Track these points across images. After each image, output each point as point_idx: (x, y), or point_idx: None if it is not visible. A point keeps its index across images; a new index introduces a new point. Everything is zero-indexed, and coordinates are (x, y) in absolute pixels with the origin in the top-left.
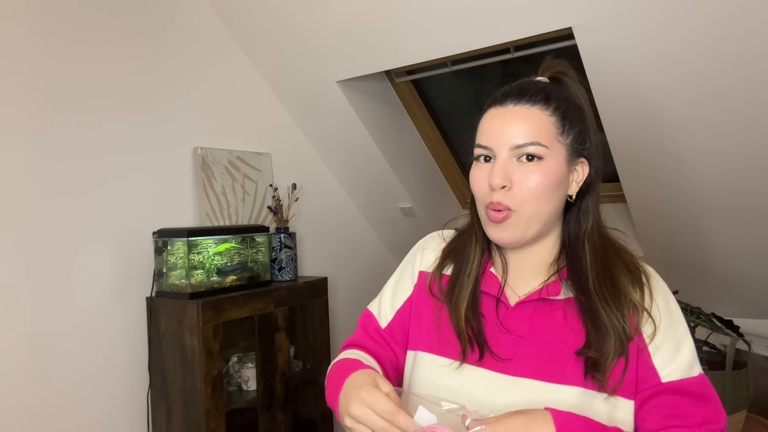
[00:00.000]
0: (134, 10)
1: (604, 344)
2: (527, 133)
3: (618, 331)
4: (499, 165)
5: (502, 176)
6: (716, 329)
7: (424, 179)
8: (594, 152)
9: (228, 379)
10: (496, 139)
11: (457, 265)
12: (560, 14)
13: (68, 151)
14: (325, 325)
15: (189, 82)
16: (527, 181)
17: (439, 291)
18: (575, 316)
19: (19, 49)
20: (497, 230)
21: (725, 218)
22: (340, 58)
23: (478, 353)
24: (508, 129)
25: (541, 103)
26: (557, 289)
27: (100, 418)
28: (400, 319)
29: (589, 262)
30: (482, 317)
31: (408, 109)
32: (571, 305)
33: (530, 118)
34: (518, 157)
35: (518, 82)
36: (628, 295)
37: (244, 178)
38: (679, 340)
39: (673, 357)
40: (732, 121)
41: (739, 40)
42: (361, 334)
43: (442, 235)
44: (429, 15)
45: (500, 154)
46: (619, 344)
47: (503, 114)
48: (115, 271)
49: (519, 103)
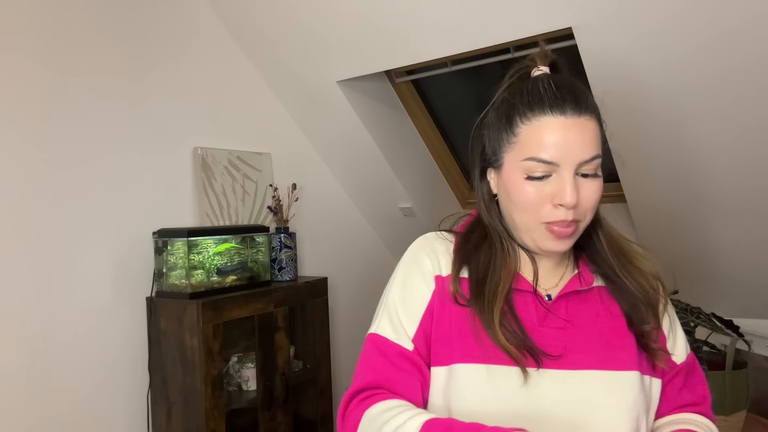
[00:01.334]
0: (134, 11)
1: (644, 315)
2: (592, 148)
3: (646, 297)
4: (568, 182)
5: (575, 195)
6: (716, 329)
7: (424, 179)
8: None
9: (228, 379)
10: (562, 153)
11: (478, 268)
12: (560, 14)
13: (68, 151)
14: (325, 325)
15: (189, 82)
16: (591, 197)
17: (462, 297)
18: (611, 301)
19: (18, 49)
20: (559, 244)
21: (725, 218)
22: (340, 58)
23: (531, 356)
24: (574, 143)
25: (593, 112)
26: (590, 278)
27: (101, 418)
28: (423, 332)
29: (606, 247)
30: (520, 319)
31: (408, 109)
32: (603, 293)
33: (592, 130)
34: (578, 172)
35: (562, 82)
36: (650, 269)
37: (244, 178)
38: (675, 319)
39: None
40: (732, 121)
41: (742, 41)
42: (382, 368)
43: (444, 236)
44: (429, 15)
45: (566, 170)
46: (652, 311)
47: (567, 126)
48: (115, 271)
49: (582, 115)
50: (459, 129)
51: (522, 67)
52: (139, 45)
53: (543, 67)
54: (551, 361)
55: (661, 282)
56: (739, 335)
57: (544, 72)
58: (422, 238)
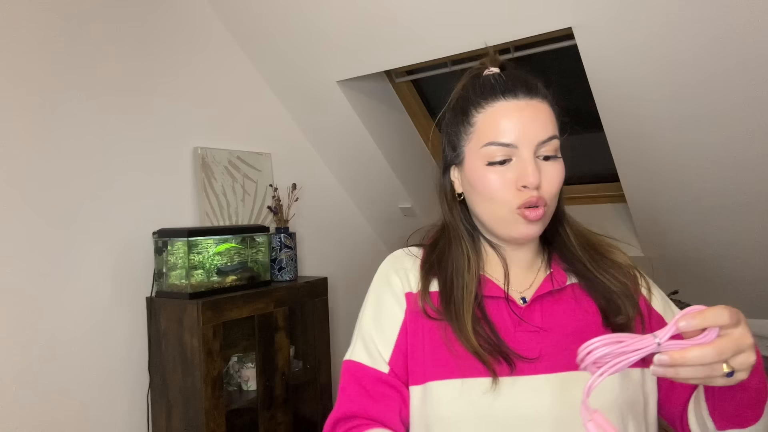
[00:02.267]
0: (134, 11)
1: (621, 307)
2: (548, 128)
3: (622, 289)
4: (529, 162)
5: (537, 174)
6: None
7: (424, 179)
8: None
9: (228, 379)
10: (519, 135)
11: (445, 277)
12: (560, 14)
13: (68, 151)
14: (325, 325)
15: (189, 83)
16: (554, 178)
17: (434, 311)
18: (586, 299)
19: (20, 50)
20: (530, 228)
21: (726, 218)
22: (340, 58)
23: (506, 363)
24: (530, 124)
25: (546, 97)
26: (563, 277)
27: (101, 418)
28: (400, 352)
29: (574, 243)
30: (493, 324)
31: (408, 109)
32: (577, 290)
33: (546, 113)
34: (538, 155)
35: (512, 74)
36: (620, 260)
37: (244, 178)
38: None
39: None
40: (733, 121)
41: (744, 42)
42: (357, 397)
43: (411, 252)
44: (429, 15)
45: (524, 151)
46: (630, 301)
47: (521, 109)
48: (115, 271)
49: (535, 98)
50: None
51: (474, 69)
52: (140, 45)
53: (493, 68)
54: (527, 366)
55: (637, 270)
56: None
57: (495, 71)
58: (390, 256)
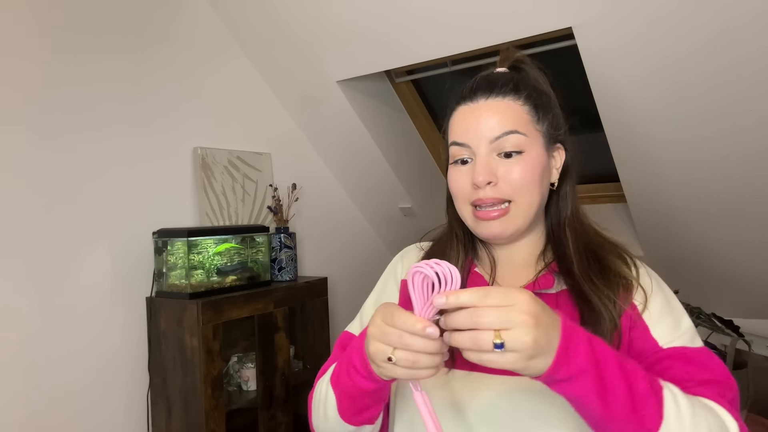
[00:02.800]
0: (134, 11)
1: (600, 325)
2: (504, 124)
3: (609, 309)
4: (480, 161)
5: (486, 172)
6: (716, 329)
7: (424, 179)
8: (568, 137)
9: (228, 379)
10: (473, 134)
11: None
12: (560, 14)
13: (68, 151)
14: (325, 325)
15: (189, 83)
16: (513, 173)
17: None
18: (570, 308)
19: (18, 49)
20: (486, 226)
21: (726, 218)
22: (340, 58)
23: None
24: (483, 123)
25: (512, 93)
26: (549, 281)
27: (101, 418)
28: None
29: (572, 247)
30: None
31: (408, 109)
32: (563, 297)
33: (504, 109)
34: (498, 153)
35: (481, 76)
36: (617, 269)
37: (244, 178)
38: (677, 317)
39: (673, 330)
40: (733, 120)
41: (742, 38)
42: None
43: (420, 246)
44: (429, 15)
45: (479, 150)
46: (612, 324)
47: (476, 109)
48: (115, 271)
49: (490, 97)
50: None
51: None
52: (140, 45)
53: (501, 69)
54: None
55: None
56: (739, 335)
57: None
58: (404, 249)
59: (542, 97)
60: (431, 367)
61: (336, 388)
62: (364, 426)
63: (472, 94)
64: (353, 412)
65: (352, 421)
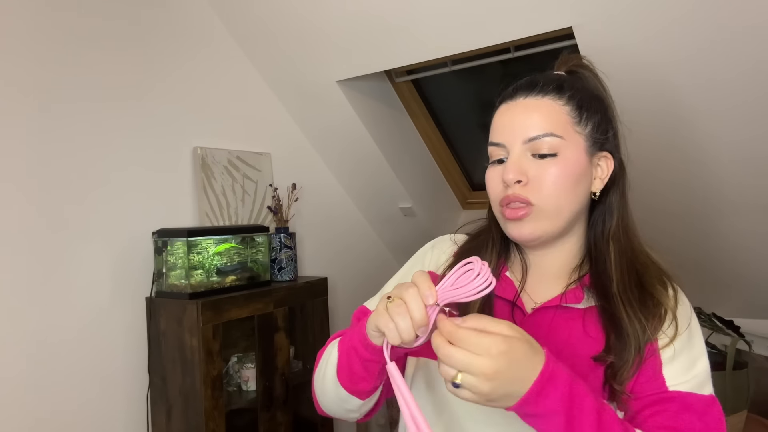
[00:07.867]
0: (134, 11)
1: (626, 352)
2: (540, 125)
3: (639, 338)
4: (512, 160)
5: (515, 171)
6: (717, 329)
7: (424, 179)
8: (618, 145)
9: (228, 380)
10: (508, 133)
11: None
12: (560, 14)
13: (68, 151)
14: (325, 325)
15: (189, 82)
16: (545, 175)
17: None
18: (596, 326)
19: (18, 49)
20: (516, 227)
21: (726, 218)
22: (340, 58)
23: None
24: (519, 122)
25: (554, 93)
26: (579, 296)
27: (100, 419)
28: None
29: (613, 263)
30: None
31: (408, 109)
32: (591, 314)
33: (542, 108)
34: (533, 153)
35: (532, 77)
36: (659, 298)
37: (244, 178)
38: (694, 357)
39: (685, 371)
40: (735, 121)
41: (745, 41)
42: None
43: (454, 239)
44: (429, 15)
45: (513, 149)
46: (636, 351)
47: (513, 108)
48: (115, 271)
49: (529, 96)
50: (459, 129)
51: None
52: (139, 45)
53: (557, 72)
54: None
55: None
56: (739, 335)
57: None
58: (437, 238)
59: (589, 99)
60: (405, 330)
61: (340, 348)
62: (352, 397)
63: (513, 93)
64: (348, 376)
65: (345, 386)
